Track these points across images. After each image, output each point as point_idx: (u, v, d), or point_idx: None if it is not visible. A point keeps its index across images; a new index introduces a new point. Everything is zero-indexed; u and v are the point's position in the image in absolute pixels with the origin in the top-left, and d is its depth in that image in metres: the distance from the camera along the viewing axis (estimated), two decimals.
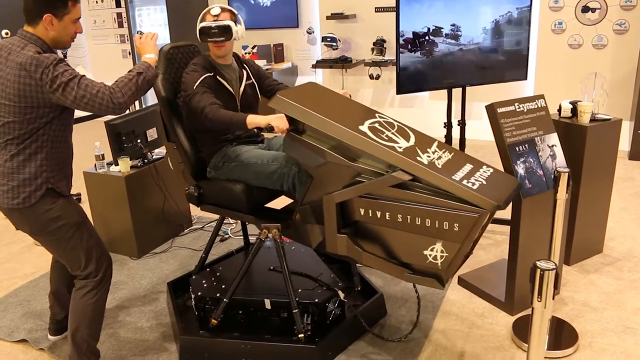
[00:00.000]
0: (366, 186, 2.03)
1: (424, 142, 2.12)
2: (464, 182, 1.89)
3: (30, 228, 2.17)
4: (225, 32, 2.53)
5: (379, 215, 2.05)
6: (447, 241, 1.95)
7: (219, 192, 2.58)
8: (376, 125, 2.13)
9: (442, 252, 1.98)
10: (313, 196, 2.22)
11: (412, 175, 1.94)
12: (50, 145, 2.11)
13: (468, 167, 2.04)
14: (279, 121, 2.20)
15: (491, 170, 2.07)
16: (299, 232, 2.36)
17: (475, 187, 1.88)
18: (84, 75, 2.03)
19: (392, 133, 2.11)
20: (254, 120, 2.27)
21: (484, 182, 1.94)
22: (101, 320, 2.35)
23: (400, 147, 2.00)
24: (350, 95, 2.61)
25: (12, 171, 2.07)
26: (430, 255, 2.01)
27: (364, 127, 2.07)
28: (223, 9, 2.56)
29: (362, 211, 2.09)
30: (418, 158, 1.97)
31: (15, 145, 2.05)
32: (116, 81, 2.07)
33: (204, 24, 2.53)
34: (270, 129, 2.23)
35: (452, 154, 2.11)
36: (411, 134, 2.16)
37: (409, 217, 1.98)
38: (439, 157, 2.04)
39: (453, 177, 1.90)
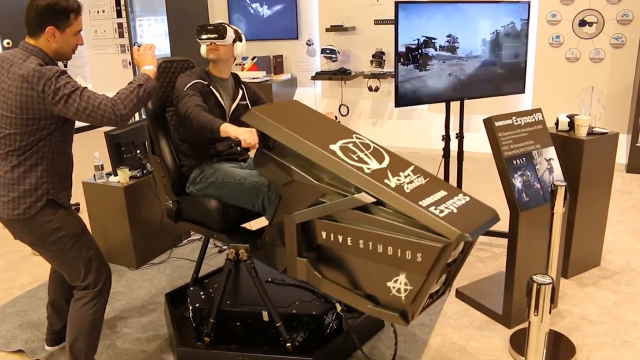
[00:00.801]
0: (327, 207, 1.96)
1: (398, 166, 2.02)
2: (432, 208, 1.78)
3: (30, 239, 2.17)
4: (219, 31, 2.55)
5: (340, 240, 1.96)
6: (410, 273, 1.83)
7: (195, 208, 2.57)
8: (349, 145, 2.05)
9: (406, 284, 1.85)
10: (281, 216, 2.15)
11: (376, 198, 1.85)
12: (50, 157, 2.12)
13: (441, 193, 1.92)
14: (247, 134, 2.15)
15: (467, 199, 1.95)
16: (267, 254, 2.31)
17: (442, 214, 1.76)
18: (85, 87, 2.04)
19: (365, 154, 2.02)
20: (226, 128, 2.26)
21: (454, 211, 1.82)
22: (99, 331, 2.35)
23: (369, 169, 1.92)
24: (347, 111, 2.62)
25: (12, 182, 2.07)
26: (393, 287, 1.89)
27: (335, 147, 2.00)
28: (228, 24, 2.62)
29: (324, 234, 2.01)
30: (386, 181, 1.88)
31: (15, 156, 2.06)
32: (117, 93, 2.09)
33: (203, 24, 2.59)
34: (237, 142, 2.18)
35: (427, 179, 2.00)
36: (386, 156, 2.07)
37: (371, 243, 1.88)
38: (411, 182, 1.93)
39: (419, 203, 1.79)
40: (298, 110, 2.28)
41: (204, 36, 2.58)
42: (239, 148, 2.69)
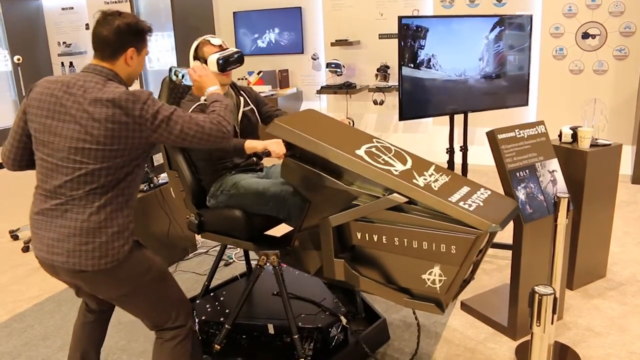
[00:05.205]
0: (362, 209, 2.03)
1: (421, 166, 2.13)
2: (461, 203, 1.90)
3: (119, 290, 1.89)
4: (242, 59, 2.62)
5: (375, 239, 2.06)
6: (445, 264, 1.94)
7: (219, 219, 2.59)
8: (373, 149, 2.14)
9: (440, 275, 1.96)
10: (311, 222, 2.22)
11: (408, 198, 1.94)
12: (135, 190, 1.91)
13: (465, 189, 2.04)
14: (275, 146, 2.22)
15: (489, 192, 2.08)
16: (298, 258, 2.36)
17: (471, 208, 1.88)
18: (177, 108, 1.86)
19: (389, 157, 2.12)
20: (251, 144, 2.32)
21: (481, 204, 1.94)
22: None
23: (396, 170, 2.02)
24: (352, 122, 2.64)
25: (99, 225, 1.78)
26: (428, 279, 1.99)
27: (361, 151, 2.09)
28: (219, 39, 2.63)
29: (359, 235, 2.09)
30: (414, 180, 1.98)
31: (99, 194, 1.78)
32: (214, 111, 1.93)
33: (224, 53, 2.53)
34: (267, 153, 2.25)
35: (450, 177, 2.12)
36: (408, 157, 2.17)
37: (406, 240, 1.98)
38: (436, 180, 2.04)
39: (449, 199, 1.91)
40: (317, 118, 2.35)
41: (231, 68, 2.56)
42: (254, 159, 2.73)
